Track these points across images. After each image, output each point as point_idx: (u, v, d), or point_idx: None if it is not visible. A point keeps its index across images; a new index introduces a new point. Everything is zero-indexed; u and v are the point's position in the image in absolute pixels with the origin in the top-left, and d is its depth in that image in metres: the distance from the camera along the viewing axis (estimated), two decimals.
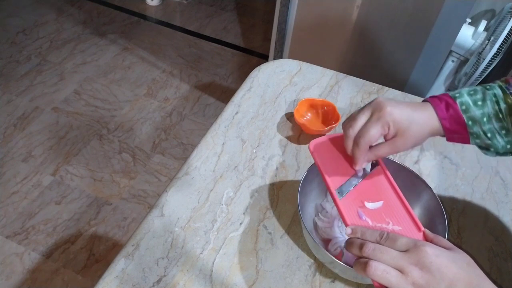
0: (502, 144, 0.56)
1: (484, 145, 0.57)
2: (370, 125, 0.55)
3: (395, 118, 0.54)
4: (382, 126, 0.54)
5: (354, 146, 0.56)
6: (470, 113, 0.55)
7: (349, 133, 0.57)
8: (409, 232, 0.54)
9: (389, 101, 0.55)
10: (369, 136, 0.54)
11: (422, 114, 0.56)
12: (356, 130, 0.56)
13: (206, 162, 0.81)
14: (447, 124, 0.56)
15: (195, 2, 2.95)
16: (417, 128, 0.55)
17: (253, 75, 1.01)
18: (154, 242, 0.68)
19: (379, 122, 0.54)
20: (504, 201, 0.78)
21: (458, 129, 0.56)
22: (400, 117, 0.54)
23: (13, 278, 1.47)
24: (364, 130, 0.55)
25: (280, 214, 0.73)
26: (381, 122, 0.54)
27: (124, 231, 1.62)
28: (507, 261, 0.69)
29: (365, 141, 0.55)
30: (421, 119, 0.55)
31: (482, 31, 1.65)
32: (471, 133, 0.56)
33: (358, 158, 0.57)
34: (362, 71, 1.64)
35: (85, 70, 2.31)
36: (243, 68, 2.44)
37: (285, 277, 0.65)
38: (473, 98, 0.56)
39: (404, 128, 0.54)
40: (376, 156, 0.57)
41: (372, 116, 0.55)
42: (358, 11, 1.53)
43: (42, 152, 1.87)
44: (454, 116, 0.55)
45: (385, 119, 0.54)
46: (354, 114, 0.58)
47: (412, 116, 0.55)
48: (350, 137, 0.56)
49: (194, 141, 1.99)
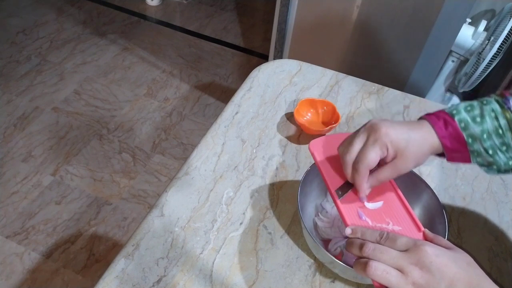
0: (504, 161, 0.55)
1: (486, 163, 0.56)
2: (367, 149, 0.53)
3: (392, 138, 0.53)
4: (380, 148, 0.53)
5: (354, 172, 0.55)
6: (469, 130, 0.54)
7: (346, 159, 0.55)
8: (409, 232, 0.54)
9: (384, 122, 0.54)
10: (367, 161, 0.53)
11: (420, 132, 0.54)
12: (354, 156, 0.55)
13: (206, 162, 0.81)
14: (448, 143, 0.54)
15: (195, 2, 2.95)
16: (416, 147, 0.53)
17: (253, 75, 1.01)
18: (154, 242, 0.68)
19: (377, 145, 0.53)
20: (504, 201, 0.78)
21: (458, 148, 0.54)
22: (396, 137, 0.53)
23: (13, 278, 1.47)
24: (362, 154, 0.54)
25: (280, 214, 0.73)
26: (379, 144, 0.53)
27: (124, 231, 1.62)
28: (507, 261, 0.69)
29: (364, 166, 0.53)
30: (419, 137, 0.54)
31: (482, 31, 1.65)
32: (472, 151, 0.54)
33: (360, 185, 0.55)
34: (362, 71, 1.64)
35: (85, 70, 2.31)
36: (243, 68, 2.44)
37: (285, 277, 0.65)
38: (471, 114, 0.55)
39: (403, 147, 0.53)
40: (378, 181, 0.55)
41: (368, 139, 0.54)
42: (358, 11, 1.53)
43: (42, 152, 1.87)
44: (454, 134, 0.54)
45: (382, 140, 0.53)
46: (349, 138, 0.56)
47: (409, 135, 0.53)
48: (348, 164, 0.55)
49: (194, 141, 1.99)
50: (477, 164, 0.57)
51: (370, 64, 1.67)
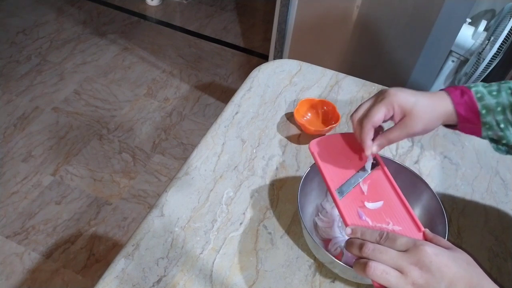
0: None
1: (496, 137, 0.57)
2: (373, 107, 0.55)
3: (399, 98, 0.54)
4: (386, 107, 0.55)
5: (359, 128, 0.57)
6: (484, 101, 0.55)
7: (353, 118, 0.57)
8: (409, 232, 0.54)
9: (394, 87, 0.56)
10: (371, 116, 0.55)
11: (432, 97, 0.56)
12: (360, 114, 0.57)
13: (206, 162, 0.81)
14: (462, 110, 0.55)
15: (195, 2, 2.95)
16: (425, 108, 0.55)
17: (253, 75, 1.01)
18: (154, 242, 0.68)
19: (382, 103, 0.55)
20: (504, 201, 0.78)
21: (471, 117, 0.56)
22: (405, 97, 0.54)
23: (13, 278, 1.47)
24: (368, 112, 0.56)
25: (280, 214, 0.73)
26: (384, 103, 0.55)
27: (124, 231, 1.62)
28: (507, 261, 0.69)
29: (368, 121, 0.55)
30: (430, 102, 0.55)
31: (482, 31, 1.65)
32: (484, 122, 0.55)
33: (364, 141, 0.57)
34: (362, 71, 1.64)
35: (85, 70, 2.31)
36: (243, 68, 2.44)
37: (285, 277, 0.65)
38: (488, 89, 0.56)
39: (410, 106, 0.54)
40: (388, 140, 0.57)
41: (376, 99, 0.56)
42: (358, 11, 1.53)
43: (42, 152, 1.87)
44: (469, 102, 0.55)
45: (388, 99, 0.54)
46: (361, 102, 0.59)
47: (418, 98, 0.55)
48: (355, 122, 0.57)
49: (194, 141, 1.99)
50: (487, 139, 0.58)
51: (370, 64, 1.67)
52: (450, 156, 0.86)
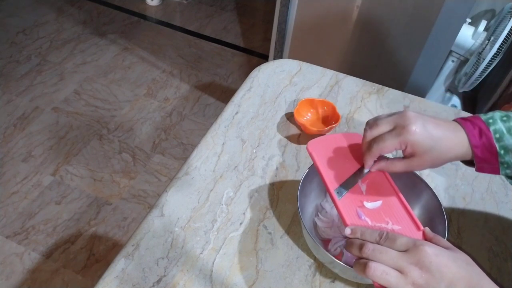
0: None
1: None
2: (387, 137, 0.54)
3: (417, 138, 0.52)
4: (399, 143, 0.53)
5: (366, 148, 0.56)
6: (503, 142, 0.53)
7: (366, 134, 0.56)
8: (408, 231, 0.54)
9: (418, 118, 0.53)
10: (382, 146, 0.54)
11: (452, 138, 0.54)
12: (374, 135, 0.55)
13: (206, 162, 0.81)
14: (479, 152, 0.54)
15: (195, 2, 2.95)
16: (439, 152, 0.53)
17: (253, 75, 1.01)
18: (154, 242, 0.68)
19: (398, 138, 0.53)
20: (504, 201, 0.78)
21: (489, 158, 0.54)
22: (423, 139, 0.52)
23: (13, 278, 1.47)
24: (380, 138, 0.54)
25: (280, 214, 0.73)
26: (400, 139, 0.53)
27: (124, 231, 1.62)
28: (507, 261, 0.69)
29: (377, 148, 0.54)
30: (449, 144, 0.53)
31: (482, 31, 1.65)
32: (502, 162, 0.54)
33: (366, 161, 0.57)
34: (362, 71, 1.64)
35: (85, 70, 2.31)
36: (243, 68, 2.44)
37: (285, 277, 0.65)
38: (506, 125, 0.54)
39: (424, 150, 0.53)
40: (389, 170, 0.57)
41: (394, 128, 0.54)
42: (358, 11, 1.53)
43: (42, 152, 1.87)
44: (487, 144, 0.53)
45: (405, 137, 0.52)
46: (380, 117, 0.56)
47: (439, 139, 0.53)
48: (366, 138, 0.56)
49: (194, 141, 1.99)
50: (504, 175, 0.56)
51: (370, 64, 1.67)
52: None
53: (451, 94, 1.98)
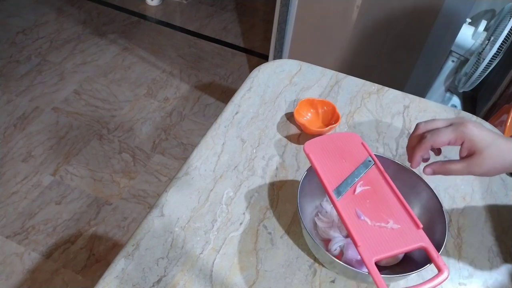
0: None
1: None
2: (443, 130, 0.53)
3: (473, 134, 0.52)
4: (455, 137, 0.52)
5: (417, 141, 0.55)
6: None
7: (419, 126, 0.56)
8: (408, 230, 0.54)
9: (475, 121, 0.53)
10: (437, 136, 0.53)
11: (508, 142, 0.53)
12: (429, 127, 0.55)
13: (206, 162, 0.81)
14: None
15: (195, 2, 2.95)
16: (497, 152, 0.52)
17: (253, 75, 1.01)
18: (154, 242, 0.68)
19: (454, 132, 0.53)
20: (504, 201, 0.78)
21: None
22: (480, 135, 0.52)
23: (13, 278, 1.47)
24: (436, 130, 0.54)
25: (280, 214, 0.73)
26: (456, 132, 0.52)
27: (124, 231, 1.62)
28: (507, 261, 0.69)
29: (430, 139, 0.54)
30: (505, 146, 0.53)
31: (482, 31, 1.65)
32: None
33: (415, 155, 0.56)
34: (362, 71, 1.65)
35: (85, 70, 2.31)
36: (243, 68, 2.44)
37: (285, 277, 0.65)
38: None
39: (482, 147, 0.52)
40: (447, 171, 0.55)
41: (451, 124, 0.54)
42: (358, 11, 1.53)
43: (42, 152, 1.87)
44: None
45: (461, 131, 0.52)
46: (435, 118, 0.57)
47: (495, 140, 0.52)
48: (419, 130, 0.56)
49: (194, 141, 1.99)
50: None
51: (370, 64, 1.67)
52: (450, 156, 0.86)
53: (451, 94, 1.98)
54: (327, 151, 0.62)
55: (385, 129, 0.90)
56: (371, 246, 0.52)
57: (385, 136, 0.88)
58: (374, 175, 0.60)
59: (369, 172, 0.60)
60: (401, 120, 0.92)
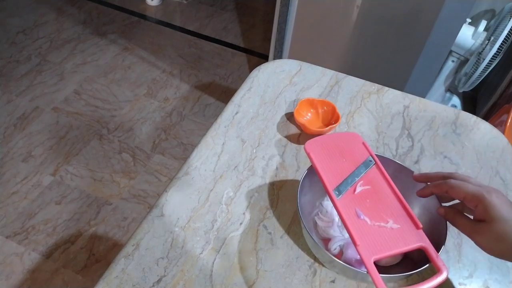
0: None
1: None
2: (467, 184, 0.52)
3: (492, 201, 0.50)
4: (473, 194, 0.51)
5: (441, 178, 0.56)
6: None
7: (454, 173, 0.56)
8: (407, 230, 0.54)
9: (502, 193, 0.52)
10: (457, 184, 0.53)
11: None
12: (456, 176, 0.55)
13: (206, 162, 0.81)
14: None
15: (195, 2, 2.95)
16: (508, 229, 0.48)
17: (253, 75, 1.01)
18: (154, 242, 0.68)
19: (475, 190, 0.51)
20: None
21: None
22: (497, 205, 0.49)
23: (13, 278, 1.47)
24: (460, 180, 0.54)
25: (280, 214, 0.73)
26: (476, 191, 0.51)
27: (124, 231, 1.62)
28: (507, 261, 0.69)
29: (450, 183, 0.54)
30: None
31: (482, 31, 1.65)
32: None
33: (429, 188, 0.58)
34: (362, 71, 1.65)
35: (85, 70, 2.31)
36: (243, 68, 2.44)
37: (285, 277, 0.65)
38: None
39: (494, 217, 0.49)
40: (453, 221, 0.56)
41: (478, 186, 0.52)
42: (358, 11, 1.53)
43: (42, 152, 1.87)
44: None
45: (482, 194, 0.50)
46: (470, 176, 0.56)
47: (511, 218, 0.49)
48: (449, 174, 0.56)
49: (194, 141, 1.99)
50: None
51: (370, 64, 1.67)
52: (450, 156, 0.86)
53: (451, 94, 1.98)
54: (328, 150, 0.62)
55: (385, 129, 0.90)
56: (370, 245, 0.52)
57: (385, 136, 0.88)
58: (375, 175, 0.60)
59: (369, 171, 0.60)
60: (401, 120, 0.92)
